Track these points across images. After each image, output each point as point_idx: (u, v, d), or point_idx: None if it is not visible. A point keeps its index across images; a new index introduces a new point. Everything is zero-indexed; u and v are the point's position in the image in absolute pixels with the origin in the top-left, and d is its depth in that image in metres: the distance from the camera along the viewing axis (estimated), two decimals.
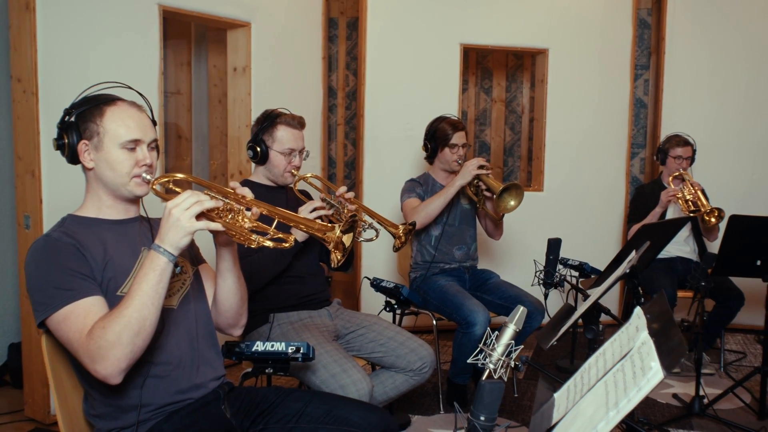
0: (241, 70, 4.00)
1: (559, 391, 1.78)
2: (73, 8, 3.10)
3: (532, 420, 1.60)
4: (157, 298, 1.55)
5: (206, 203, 1.57)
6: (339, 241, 1.79)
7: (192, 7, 3.61)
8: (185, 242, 1.56)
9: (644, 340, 1.51)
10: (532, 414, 1.59)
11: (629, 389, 1.36)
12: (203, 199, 1.57)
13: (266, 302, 2.66)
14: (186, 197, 1.56)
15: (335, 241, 1.75)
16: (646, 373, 1.34)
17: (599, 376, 1.59)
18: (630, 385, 1.37)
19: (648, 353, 1.43)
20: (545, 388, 1.81)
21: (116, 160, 1.71)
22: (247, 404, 1.86)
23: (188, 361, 1.78)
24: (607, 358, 1.68)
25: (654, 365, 1.34)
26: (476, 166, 3.39)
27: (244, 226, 1.65)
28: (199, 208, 1.56)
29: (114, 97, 1.77)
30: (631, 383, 1.37)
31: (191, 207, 1.55)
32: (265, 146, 2.75)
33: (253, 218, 1.68)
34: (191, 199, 1.56)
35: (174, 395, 1.72)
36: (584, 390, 1.60)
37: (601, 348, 1.79)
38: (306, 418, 1.83)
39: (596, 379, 1.59)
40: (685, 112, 4.85)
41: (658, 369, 1.32)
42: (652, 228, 2.79)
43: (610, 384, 1.47)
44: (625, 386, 1.39)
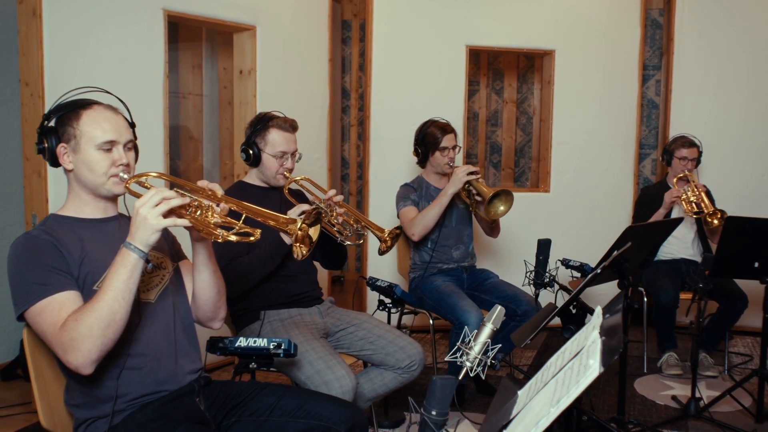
0: (246, 73, 4.08)
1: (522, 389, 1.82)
2: (78, 13, 3.20)
3: (486, 417, 1.64)
4: (128, 293, 1.62)
5: (173, 201, 1.63)
6: (305, 235, 1.84)
7: (197, 12, 3.70)
8: (154, 239, 1.63)
9: (594, 338, 1.54)
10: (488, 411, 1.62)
11: (571, 386, 1.39)
12: (169, 196, 1.64)
13: (257, 300, 2.73)
14: (152, 195, 1.62)
15: (297, 234, 1.80)
16: (586, 371, 1.38)
17: (554, 374, 1.62)
18: (572, 382, 1.40)
19: (593, 351, 1.46)
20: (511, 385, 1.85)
21: (93, 160, 1.78)
22: (223, 397, 1.92)
23: (165, 353, 1.85)
24: (564, 356, 1.71)
25: (592, 362, 1.37)
26: (465, 173, 3.43)
27: (213, 222, 1.71)
28: (166, 206, 1.62)
29: (90, 101, 1.84)
30: (573, 380, 1.40)
31: (158, 205, 1.62)
32: (258, 149, 2.81)
33: (223, 214, 1.74)
34: (157, 197, 1.62)
35: (150, 386, 1.80)
36: (540, 387, 1.64)
37: (563, 346, 1.82)
38: (278, 411, 1.89)
39: (551, 377, 1.62)
40: (694, 113, 4.82)
41: (595, 366, 1.36)
42: (638, 229, 2.80)
43: (560, 381, 1.50)
44: (569, 383, 1.42)
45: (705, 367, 3.97)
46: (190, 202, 1.69)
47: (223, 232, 1.70)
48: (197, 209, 1.71)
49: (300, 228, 1.81)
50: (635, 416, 3.38)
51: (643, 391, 3.75)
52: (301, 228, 1.81)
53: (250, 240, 1.73)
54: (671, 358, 4.02)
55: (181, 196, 1.67)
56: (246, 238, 1.72)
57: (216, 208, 1.73)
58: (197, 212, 1.71)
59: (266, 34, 4.07)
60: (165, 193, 1.64)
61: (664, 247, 4.21)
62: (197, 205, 1.71)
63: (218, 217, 1.73)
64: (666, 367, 4.01)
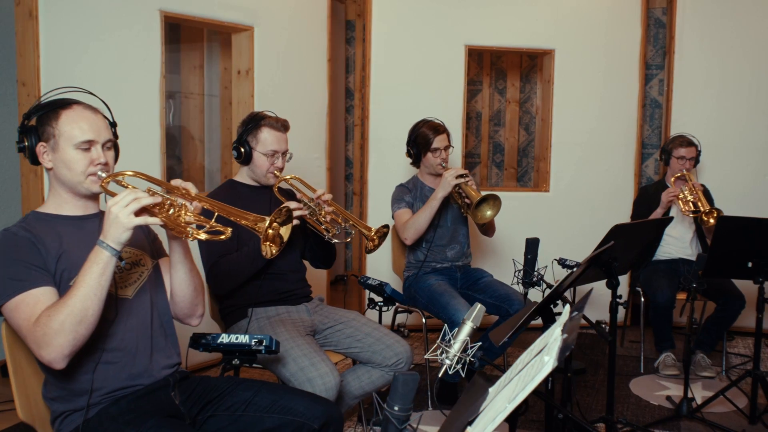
0: (244, 73, 4.12)
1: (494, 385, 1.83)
2: (75, 15, 3.25)
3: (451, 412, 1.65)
4: (100, 289, 1.65)
5: (144, 200, 1.66)
6: (276, 234, 1.85)
7: (194, 13, 3.74)
8: (125, 237, 1.66)
9: (556, 336, 1.55)
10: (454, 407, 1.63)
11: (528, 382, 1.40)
12: (141, 196, 1.66)
13: (245, 297, 2.75)
14: (124, 195, 1.65)
15: (267, 233, 1.81)
16: (542, 367, 1.39)
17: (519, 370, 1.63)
18: (529, 378, 1.41)
19: (552, 348, 1.47)
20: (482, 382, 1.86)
21: (72, 159, 1.81)
22: (199, 392, 1.95)
23: (141, 348, 1.88)
24: (532, 353, 1.72)
25: (547, 359, 1.38)
26: (454, 176, 3.42)
27: (186, 220, 1.73)
28: (137, 205, 1.65)
29: (71, 101, 1.87)
30: (531, 377, 1.42)
31: (129, 204, 1.64)
32: (249, 147, 2.84)
33: (196, 212, 1.76)
34: (129, 197, 1.65)
35: (125, 381, 1.83)
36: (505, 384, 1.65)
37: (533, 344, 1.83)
38: (253, 407, 1.92)
39: (516, 373, 1.63)
40: (695, 112, 4.80)
41: (550, 363, 1.37)
42: (624, 228, 2.79)
43: (521, 377, 1.51)
44: (527, 380, 1.43)
45: (702, 368, 3.95)
46: (163, 201, 1.72)
47: (193, 231, 1.72)
48: (170, 208, 1.73)
49: (271, 227, 1.82)
50: (629, 416, 3.38)
51: (638, 391, 3.73)
52: (272, 227, 1.83)
53: (221, 238, 1.75)
54: (668, 358, 4.00)
55: (153, 195, 1.69)
56: (217, 237, 1.74)
57: (189, 206, 1.76)
58: (170, 211, 1.73)
59: (264, 35, 4.10)
60: (137, 192, 1.67)
61: (662, 247, 4.20)
62: (170, 204, 1.74)
63: (191, 216, 1.75)
64: (663, 367, 3.99)
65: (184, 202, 1.76)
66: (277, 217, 1.85)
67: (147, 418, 1.74)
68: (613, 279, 2.93)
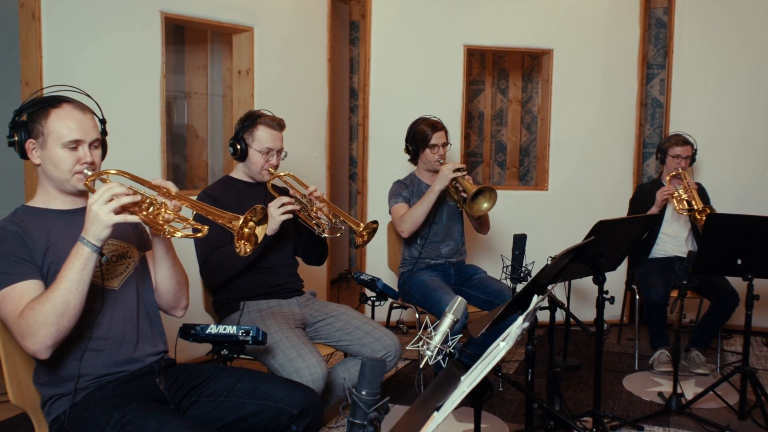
0: (244, 73, 4.20)
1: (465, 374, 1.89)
2: (76, 16, 3.34)
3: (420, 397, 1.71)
4: (81, 284, 1.73)
5: (123, 199, 1.73)
6: (251, 233, 1.90)
7: (194, 14, 3.82)
8: (105, 234, 1.73)
9: (519, 323, 1.60)
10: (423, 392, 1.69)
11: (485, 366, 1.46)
12: (120, 194, 1.73)
13: (238, 290, 2.83)
14: (103, 193, 1.72)
15: (243, 232, 1.86)
16: (498, 352, 1.45)
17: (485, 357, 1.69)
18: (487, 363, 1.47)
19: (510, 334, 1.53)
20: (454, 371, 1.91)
21: (59, 158, 1.89)
22: (184, 379, 2.02)
23: (127, 337, 1.95)
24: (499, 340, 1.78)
25: (502, 344, 1.44)
26: (452, 170, 3.48)
27: (165, 218, 1.80)
28: (117, 203, 1.72)
29: (61, 100, 1.93)
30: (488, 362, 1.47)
31: (109, 202, 1.71)
32: (245, 144, 2.91)
33: (175, 210, 1.83)
34: (108, 195, 1.72)
35: (110, 367, 1.90)
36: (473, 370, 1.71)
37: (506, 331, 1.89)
38: (235, 393, 1.99)
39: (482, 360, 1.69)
40: (694, 111, 4.82)
41: (503, 346, 1.43)
42: (609, 224, 2.83)
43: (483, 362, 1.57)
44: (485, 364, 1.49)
45: (696, 365, 3.98)
46: (142, 200, 1.78)
47: (170, 229, 1.78)
48: (150, 206, 1.80)
49: (246, 225, 1.87)
50: (619, 411, 3.42)
51: (631, 387, 3.77)
52: (247, 225, 1.88)
53: (197, 236, 1.81)
54: (663, 355, 4.03)
55: (134, 193, 1.76)
56: (194, 235, 1.81)
57: (169, 204, 1.82)
58: (150, 209, 1.79)
59: (264, 36, 4.18)
60: (116, 190, 1.73)
61: (658, 245, 4.23)
62: (149, 203, 1.80)
63: (171, 214, 1.82)
64: (657, 364, 4.02)
65: (164, 200, 1.82)
66: (252, 215, 1.90)
67: (130, 402, 1.81)
68: (599, 275, 2.98)
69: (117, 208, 1.72)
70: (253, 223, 1.90)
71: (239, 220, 1.82)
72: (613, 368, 4.09)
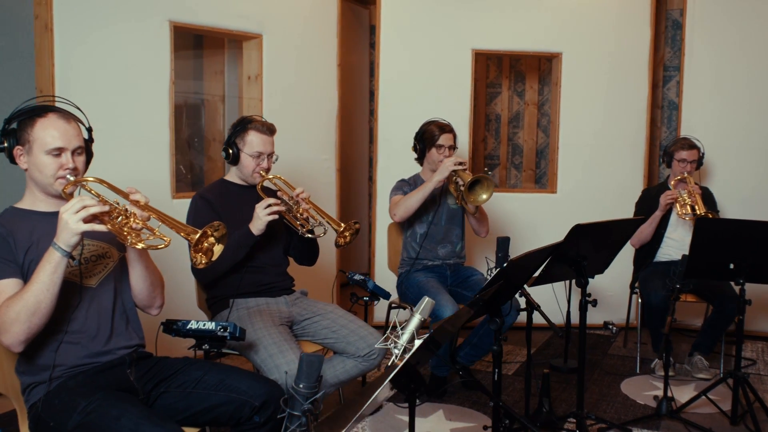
0: (254, 78, 4.34)
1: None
2: (87, 26, 3.51)
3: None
4: (52, 285, 1.87)
5: (92, 209, 1.85)
6: (209, 248, 2.00)
7: (202, 22, 3.97)
8: (74, 241, 1.86)
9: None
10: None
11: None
12: (90, 204, 1.86)
13: (228, 289, 2.95)
14: (74, 203, 1.85)
15: (196, 242, 1.95)
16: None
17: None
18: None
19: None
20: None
21: (42, 164, 2.03)
22: (155, 371, 2.15)
23: (101, 331, 2.09)
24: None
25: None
26: (453, 162, 3.54)
27: (132, 228, 1.92)
28: (85, 213, 1.84)
29: (48, 109, 2.07)
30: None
31: (79, 212, 1.84)
32: (237, 148, 3.03)
33: (144, 220, 1.95)
34: (78, 205, 1.85)
35: (83, 359, 2.04)
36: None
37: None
38: (202, 385, 2.11)
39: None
40: (705, 114, 4.78)
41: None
42: (587, 228, 2.85)
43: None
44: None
45: (699, 370, 3.96)
46: (111, 210, 1.91)
47: (132, 239, 1.90)
48: (118, 216, 1.93)
49: (207, 240, 1.98)
50: (611, 414, 3.44)
51: (627, 391, 3.78)
52: (208, 241, 1.98)
53: (159, 248, 1.92)
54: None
55: (103, 204, 1.89)
56: (155, 246, 1.92)
57: (138, 214, 1.95)
58: (118, 218, 1.92)
59: (272, 42, 4.31)
60: (86, 201, 1.86)
61: (662, 249, 4.22)
62: (119, 213, 1.92)
63: (140, 223, 1.94)
64: (659, 368, 4.01)
65: (134, 210, 1.95)
66: (211, 231, 1.99)
67: (99, 391, 1.95)
68: (582, 278, 3.02)
69: (86, 218, 1.85)
70: (213, 239, 2.00)
71: (197, 234, 1.92)
72: (614, 371, 4.10)
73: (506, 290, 2.56)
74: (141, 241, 1.91)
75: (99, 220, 1.89)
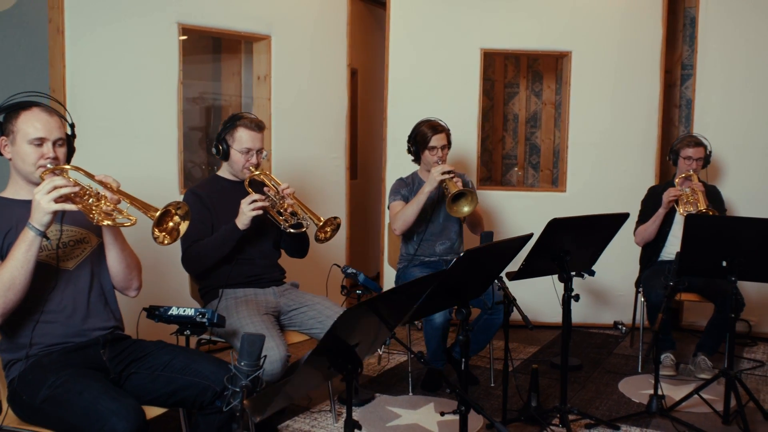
0: (263, 78, 4.46)
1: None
2: (98, 29, 3.67)
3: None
4: (26, 262, 2.00)
5: (63, 190, 1.98)
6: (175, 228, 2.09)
7: (211, 24, 4.11)
8: (47, 220, 1.99)
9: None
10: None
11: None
12: (60, 185, 1.98)
13: (218, 279, 3.07)
14: (46, 184, 1.98)
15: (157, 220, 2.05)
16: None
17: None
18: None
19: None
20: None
21: (25, 153, 2.17)
22: (128, 353, 2.27)
23: (77, 312, 2.22)
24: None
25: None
26: (440, 172, 3.59)
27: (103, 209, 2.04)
28: (57, 193, 1.97)
29: (32, 104, 2.21)
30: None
31: (50, 192, 1.97)
32: (227, 145, 3.14)
33: (114, 202, 2.07)
34: (50, 185, 1.98)
35: (59, 338, 2.17)
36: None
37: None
38: (169, 368, 2.21)
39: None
40: (717, 112, 4.71)
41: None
42: (563, 222, 2.86)
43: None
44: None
45: (702, 370, 3.91)
46: (82, 191, 2.03)
47: (98, 217, 2.03)
48: (90, 197, 2.05)
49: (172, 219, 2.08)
50: (602, 411, 3.43)
51: (625, 389, 3.76)
52: (173, 220, 2.09)
53: (125, 225, 2.06)
54: (667, 359, 3.99)
55: (74, 185, 2.01)
56: (122, 224, 2.06)
57: (108, 197, 2.07)
58: (90, 200, 2.05)
59: (281, 43, 4.43)
60: (57, 182, 1.99)
61: (667, 248, 4.18)
62: (90, 194, 2.05)
63: (111, 205, 2.07)
64: (661, 368, 3.97)
65: (104, 193, 2.07)
66: (175, 208, 2.09)
67: (69, 368, 2.07)
68: (564, 272, 3.03)
69: (57, 198, 1.98)
70: (178, 217, 2.10)
71: (157, 212, 2.03)
72: (615, 370, 4.08)
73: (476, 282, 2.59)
74: (106, 219, 2.03)
75: (71, 201, 2.01)
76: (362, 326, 1.83)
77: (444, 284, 2.21)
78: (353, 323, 1.76)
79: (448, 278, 2.19)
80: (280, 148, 4.48)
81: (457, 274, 2.24)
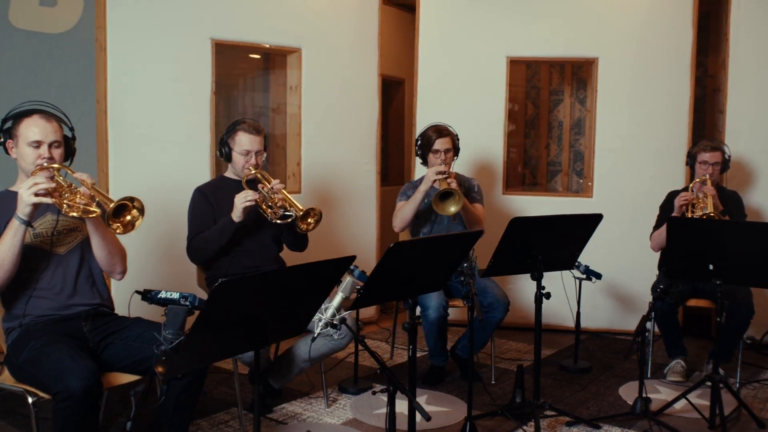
0: (294, 88, 4.78)
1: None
2: (136, 45, 4.09)
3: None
4: (13, 247, 2.37)
5: (41, 185, 2.34)
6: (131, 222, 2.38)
7: (242, 39, 4.47)
8: (28, 211, 2.35)
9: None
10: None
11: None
12: (40, 182, 2.34)
13: (218, 270, 3.38)
14: (29, 181, 2.36)
15: (112, 210, 2.33)
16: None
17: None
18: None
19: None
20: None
21: (25, 153, 2.54)
22: (107, 326, 2.60)
23: (65, 290, 2.58)
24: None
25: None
26: (434, 173, 3.75)
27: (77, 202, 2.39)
28: (36, 188, 2.33)
29: (34, 111, 2.58)
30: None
31: (31, 187, 2.34)
32: (229, 148, 3.46)
33: (87, 196, 2.41)
34: (31, 182, 2.35)
35: (48, 311, 2.54)
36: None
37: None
38: (140, 340, 2.52)
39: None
40: (749, 117, 4.60)
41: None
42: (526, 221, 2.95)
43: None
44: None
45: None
46: (58, 186, 2.39)
47: (66, 208, 2.38)
48: (65, 191, 2.41)
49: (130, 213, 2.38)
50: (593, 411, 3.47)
51: (623, 393, 3.77)
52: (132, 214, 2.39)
53: (90, 216, 2.41)
54: (677, 365, 3.96)
55: (50, 182, 2.36)
56: (87, 215, 2.41)
57: (82, 191, 2.41)
58: (65, 194, 2.40)
59: (312, 55, 4.73)
60: (36, 179, 2.36)
61: None
62: (65, 189, 2.41)
63: (85, 199, 2.41)
64: (670, 373, 3.95)
65: (78, 188, 2.42)
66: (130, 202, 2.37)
67: (50, 335, 2.42)
68: (536, 271, 3.13)
69: (37, 192, 2.34)
70: (137, 211, 2.40)
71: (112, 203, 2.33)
72: (623, 375, 4.08)
73: (426, 276, 2.70)
74: (74, 210, 2.37)
75: (49, 195, 2.37)
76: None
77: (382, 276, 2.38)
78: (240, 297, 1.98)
79: (380, 271, 2.36)
80: (309, 154, 4.78)
81: (392, 267, 2.40)
